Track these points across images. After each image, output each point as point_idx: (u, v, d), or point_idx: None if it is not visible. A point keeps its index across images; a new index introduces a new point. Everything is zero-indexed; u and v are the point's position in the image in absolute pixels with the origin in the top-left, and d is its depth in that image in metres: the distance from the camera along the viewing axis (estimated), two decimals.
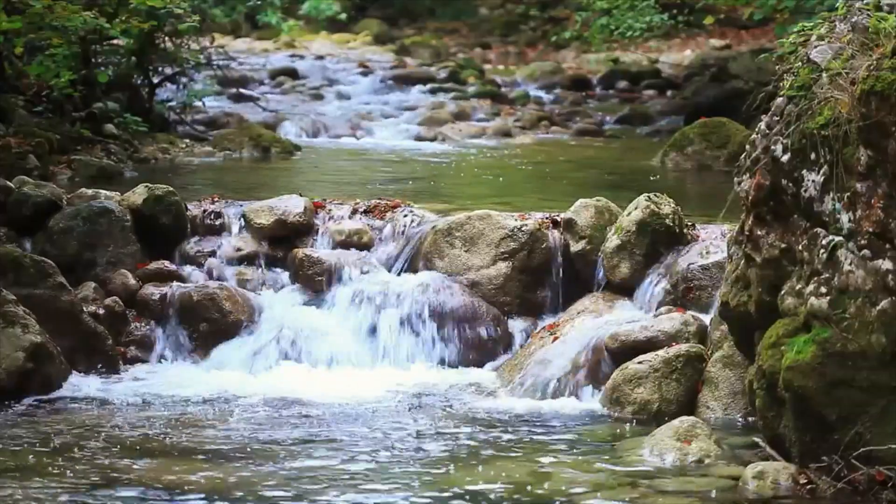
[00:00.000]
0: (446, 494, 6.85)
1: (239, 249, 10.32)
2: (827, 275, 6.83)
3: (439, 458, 7.50)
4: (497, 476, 7.15)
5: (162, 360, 9.69)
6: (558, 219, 10.04)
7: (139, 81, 16.49)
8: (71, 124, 14.19)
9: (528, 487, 6.97)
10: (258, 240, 10.37)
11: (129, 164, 14.04)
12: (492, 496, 6.83)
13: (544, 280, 9.95)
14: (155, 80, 16.77)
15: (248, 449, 7.63)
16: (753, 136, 7.38)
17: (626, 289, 9.61)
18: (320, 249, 10.30)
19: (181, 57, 16.91)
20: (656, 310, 9.24)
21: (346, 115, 19.75)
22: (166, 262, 10.16)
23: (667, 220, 9.63)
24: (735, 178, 7.55)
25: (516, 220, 10.07)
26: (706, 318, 8.86)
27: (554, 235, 9.99)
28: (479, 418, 8.38)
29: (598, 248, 9.77)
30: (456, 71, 24.76)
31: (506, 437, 7.96)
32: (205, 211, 10.59)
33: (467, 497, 6.82)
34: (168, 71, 17.16)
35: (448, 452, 7.61)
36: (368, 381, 9.24)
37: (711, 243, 9.49)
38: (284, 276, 10.23)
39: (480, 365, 9.62)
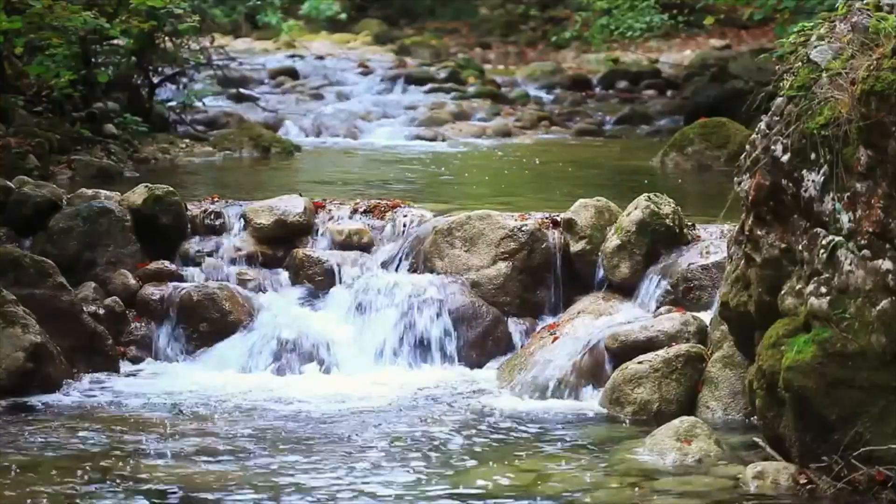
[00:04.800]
0: (446, 494, 6.85)
1: (239, 249, 10.32)
2: (827, 275, 6.83)
3: (439, 457, 7.50)
4: (497, 476, 7.15)
5: (162, 360, 9.70)
6: (558, 219, 10.04)
7: (139, 81, 16.50)
8: (71, 124, 14.19)
9: (528, 487, 6.97)
10: (258, 240, 10.38)
11: (129, 164, 14.03)
12: (492, 496, 6.83)
13: (544, 280, 9.95)
14: (155, 80, 16.79)
15: (248, 448, 7.62)
16: (753, 136, 7.38)
17: (626, 289, 9.61)
18: (320, 249, 10.30)
19: (181, 57, 16.93)
20: (656, 310, 9.24)
21: (346, 115, 19.74)
22: (166, 262, 10.16)
23: (667, 220, 9.63)
24: (735, 178, 7.55)
25: (516, 220, 10.07)
26: (706, 318, 8.86)
27: (554, 235, 9.99)
28: (478, 418, 8.38)
29: (598, 248, 9.76)
30: (456, 71, 24.75)
31: (506, 437, 7.96)
32: (205, 211, 10.59)
33: (467, 497, 6.82)
34: (168, 71, 17.18)
35: (448, 452, 7.61)
36: (367, 381, 9.23)
37: (711, 243, 9.49)
38: (284, 276, 10.23)
39: (480, 365, 9.62)
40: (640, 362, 8.55)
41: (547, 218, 10.11)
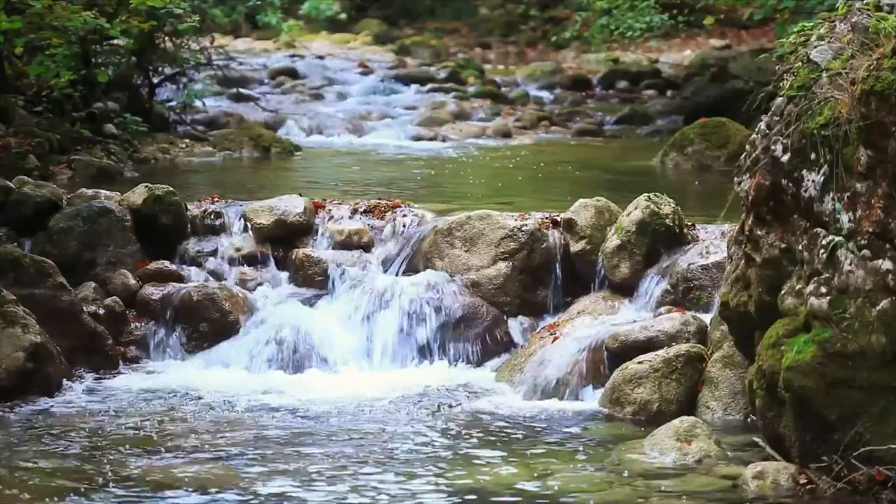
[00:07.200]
0: (446, 494, 6.85)
1: (239, 249, 10.33)
2: (827, 275, 6.83)
3: (439, 457, 7.50)
4: (497, 476, 7.15)
5: (162, 360, 9.70)
6: (558, 219, 10.04)
7: (139, 81, 16.51)
8: (71, 124, 14.20)
9: (528, 487, 6.97)
10: (258, 240, 10.38)
11: (129, 164, 14.04)
12: (491, 496, 6.83)
13: (544, 280, 9.95)
14: (155, 80, 16.79)
15: (248, 448, 7.63)
16: (753, 136, 7.38)
17: (626, 289, 9.61)
18: (320, 249, 10.30)
19: (181, 57, 16.93)
20: (656, 310, 9.24)
21: (346, 115, 19.75)
22: (166, 262, 10.16)
23: (667, 220, 9.63)
24: (735, 178, 7.55)
25: (516, 220, 10.07)
26: (706, 318, 8.86)
27: (554, 235, 9.99)
28: (478, 418, 8.38)
29: (598, 248, 9.76)
30: (456, 71, 24.76)
31: (505, 437, 7.96)
32: (205, 211, 10.59)
33: (467, 497, 6.82)
34: (168, 71, 17.18)
35: (447, 452, 7.61)
36: (368, 381, 9.24)
37: (711, 243, 9.49)
38: (284, 276, 10.24)
39: (480, 365, 9.62)
40: (640, 362, 8.55)
41: (547, 218, 10.11)
